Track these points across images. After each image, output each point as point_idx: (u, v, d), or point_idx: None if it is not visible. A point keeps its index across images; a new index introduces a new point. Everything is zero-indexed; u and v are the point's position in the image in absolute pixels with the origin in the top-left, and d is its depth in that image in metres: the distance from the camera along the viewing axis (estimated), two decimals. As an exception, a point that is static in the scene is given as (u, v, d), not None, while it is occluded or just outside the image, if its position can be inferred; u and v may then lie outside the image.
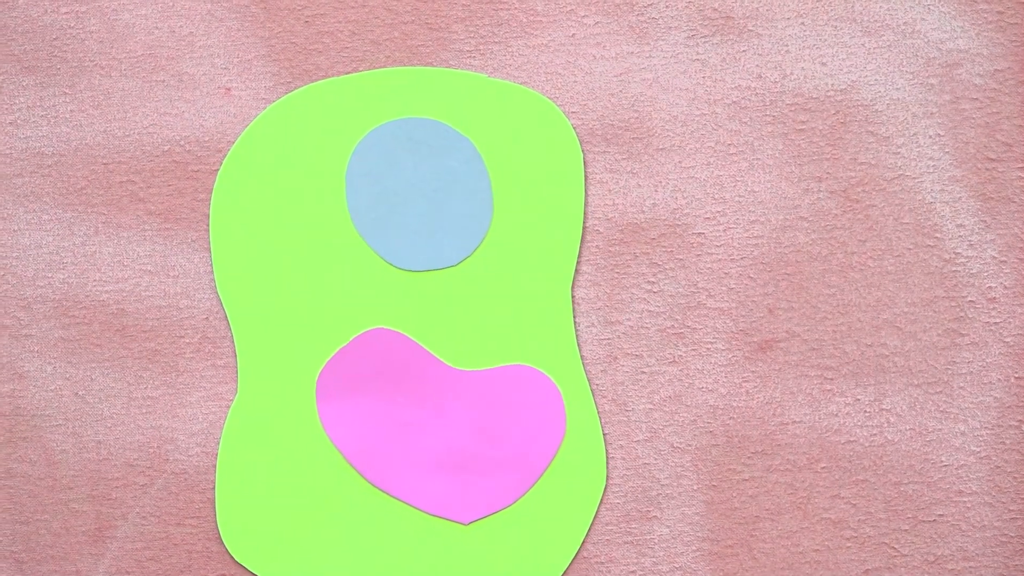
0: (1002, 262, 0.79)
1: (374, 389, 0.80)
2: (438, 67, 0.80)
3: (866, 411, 0.79)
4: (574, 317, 0.80)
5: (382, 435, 0.80)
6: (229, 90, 0.81)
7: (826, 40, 0.79)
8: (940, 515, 0.79)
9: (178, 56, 0.81)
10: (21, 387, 0.82)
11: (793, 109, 0.80)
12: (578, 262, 0.80)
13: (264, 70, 0.81)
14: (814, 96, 0.80)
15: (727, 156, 0.80)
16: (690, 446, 0.80)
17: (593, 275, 0.80)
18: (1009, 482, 0.79)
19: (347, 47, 0.81)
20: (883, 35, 0.79)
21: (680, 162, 0.80)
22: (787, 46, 0.80)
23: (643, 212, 0.80)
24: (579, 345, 0.80)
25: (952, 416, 0.79)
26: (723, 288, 0.80)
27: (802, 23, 0.80)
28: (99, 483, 0.81)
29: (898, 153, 0.79)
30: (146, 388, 0.81)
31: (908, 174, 0.79)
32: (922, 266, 0.79)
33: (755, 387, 0.80)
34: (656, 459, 0.80)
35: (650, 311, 0.80)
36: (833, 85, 0.79)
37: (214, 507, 0.81)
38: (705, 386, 0.80)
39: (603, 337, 0.80)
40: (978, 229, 0.79)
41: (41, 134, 0.82)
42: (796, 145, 0.80)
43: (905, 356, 0.79)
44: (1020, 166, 0.79)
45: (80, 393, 0.81)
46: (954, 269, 0.79)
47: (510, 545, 0.80)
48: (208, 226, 0.81)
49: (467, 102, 0.80)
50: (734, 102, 0.80)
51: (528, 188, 0.80)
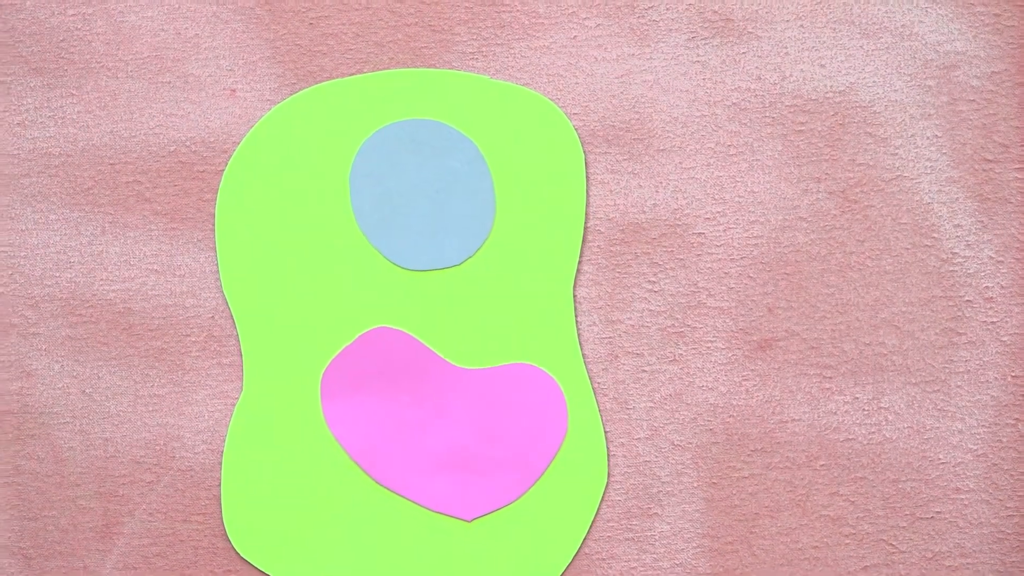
0: (999, 262, 0.79)
1: (378, 387, 0.80)
2: (441, 69, 0.80)
3: (864, 409, 0.79)
4: (576, 316, 0.80)
5: (386, 433, 0.80)
6: (234, 91, 0.81)
7: (825, 42, 0.79)
8: (938, 512, 0.79)
9: (184, 58, 0.81)
10: (29, 385, 0.82)
11: (792, 110, 0.80)
12: (579, 262, 0.80)
13: (269, 71, 0.81)
14: (813, 97, 0.79)
15: (727, 157, 0.80)
16: (690, 444, 0.80)
17: (594, 274, 0.80)
18: (1006, 479, 0.79)
19: (351, 49, 0.81)
20: (881, 37, 0.79)
21: (680, 163, 0.80)
22: (786, 48, 0.79)
23: (644, 212, 0.80)
24: (580, 344, 0.80)
25: (950, 414, 0.79)
26: (723, 288, 0.80)
27: (801, 25, 0.79)
28: (106, 480, 0.81)
29: (896, 154, 0.79)
30: (152, 386, 0.81)
31: (906, 175, 0.79)
32: (920, 266, 0.79)
33: (755, 385, 0.80)
34: (657, 456, 0.80)
35: (651, 310, 0.80)
36: (832, 87, 0.79)
37: (220, 504, 0.81)
38: (705, 384, 0.80)
39: (604, 336, 0.80)
40: (975, 229, 0.79)
41: (48, 135, 0.82)
42: (795, 146, 0.80)
43: (903, 355, 0.79)
44: (1016, 167, 0.79)
45: (87, 391, 0.82)
46: (951, 269, 0.79)
47: (512, 541, 0.80)
48: (214, 226, 0.81)
49: (470, 103, 0.80)
50: (734, 103, 0.80)
51: (530, 188, 0.79)
